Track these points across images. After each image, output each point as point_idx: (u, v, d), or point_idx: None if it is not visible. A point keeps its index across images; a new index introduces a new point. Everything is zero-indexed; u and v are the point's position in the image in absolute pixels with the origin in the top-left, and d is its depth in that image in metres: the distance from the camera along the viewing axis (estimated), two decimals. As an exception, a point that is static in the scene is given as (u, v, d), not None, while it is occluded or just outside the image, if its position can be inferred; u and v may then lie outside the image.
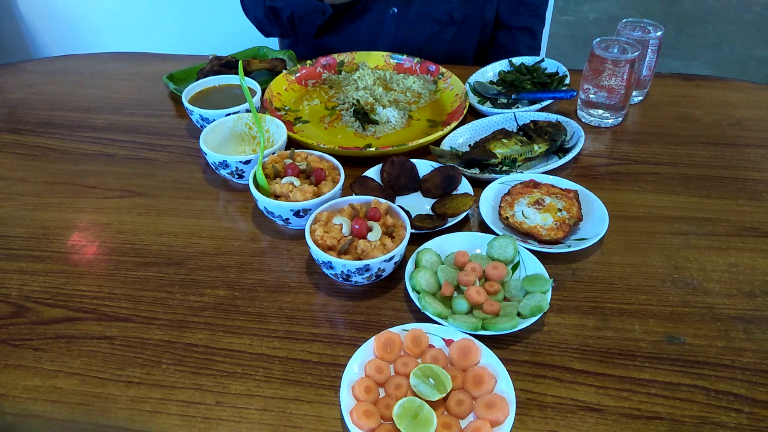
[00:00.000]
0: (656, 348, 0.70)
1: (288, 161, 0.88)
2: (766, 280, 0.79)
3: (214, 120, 1.00)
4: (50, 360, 0.70)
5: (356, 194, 0.88)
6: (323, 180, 0.86)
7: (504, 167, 0.98)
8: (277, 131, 0.97)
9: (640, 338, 0.72)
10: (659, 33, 1.10)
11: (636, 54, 1.02)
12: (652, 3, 3.93)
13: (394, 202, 0.86)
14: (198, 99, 1.08)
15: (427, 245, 0.80)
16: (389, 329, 0.69)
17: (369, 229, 0.77)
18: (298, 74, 1.22)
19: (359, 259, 0.74)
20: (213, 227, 0.89)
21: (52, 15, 2.19)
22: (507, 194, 0.89)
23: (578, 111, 1.13)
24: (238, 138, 1.01)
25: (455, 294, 0.76)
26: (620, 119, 1.11)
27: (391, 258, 0.74)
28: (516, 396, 0.62)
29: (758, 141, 1.06)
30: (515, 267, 0.79)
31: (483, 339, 0.68)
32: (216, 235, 0.87)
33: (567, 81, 1.17)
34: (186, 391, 0.66)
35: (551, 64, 1.22)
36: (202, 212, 0.92)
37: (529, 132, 1.02)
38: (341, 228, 0.77)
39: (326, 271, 0.77)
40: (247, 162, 0.91)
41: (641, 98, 1.18)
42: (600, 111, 1.09)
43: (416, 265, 0.78)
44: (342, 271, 0.74)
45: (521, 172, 0.96)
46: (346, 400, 0.62)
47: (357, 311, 0.75)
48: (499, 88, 1.19)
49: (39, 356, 0.70)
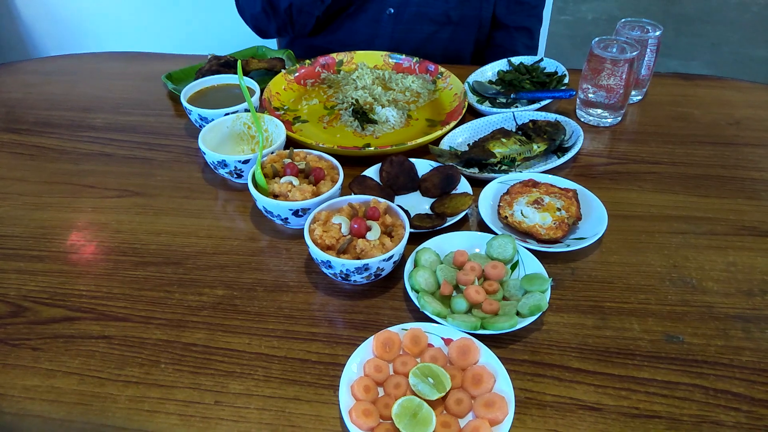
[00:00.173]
0: (655, 347, 0.70)
1: (287, 161, 0.88)
2: (765, 279, 0.79)
3: (213, 119, 0.99)
4: (48, 359, 0.70)
5: (355, 193, 0.88)
6: (322, 179, 0.86)
7: (503, 167, 0.98)
8: (276, 131, 0.97)
9: (639, 337, 0.72)
10: (658, 32, 1.10)
11: (635, 53, 1.03)
12: (651, 2, 3.94)
13: (393, 202, 0.86)
14: (197, 98, 1.08)
15: (426, 244, 0.80)
16: (388, 328, 0.69)
17: (368, 229, 0.77)
18: (297, 74, 1.22)
19: (358, 259, 0.74)
20: (212, 227, 0.89)
21: (50, 15, 2.18)
22: (506, 193, 0.89)
23: (577, 110, 1.13)
24: (237, 137, 1.01)
25: (454, 293, 0.76)
26: (619, 119, 1.11)
27: (390, 257, 0.74)
28: (515, 395, 0.62)
29: (757, 140, 1.07)
30: (514, 266, 0.79)
31: (482, 338, 0.68)
32: (215, 235, 0.87)
33: (566, 80, 1.17)
34: (185, 391, 0.66)
35: (550, 64, 1.21)
36: (201, 212, 0.92)
37: (528, 131, 1.02)
38: (340, 227, 0.77)
39: (325, 271, 0.77)
40: (246, 161, 0.91)
41: (640, 98, 1.18)
42: (599, 110, 1.10)
43: (415, 265, 0.78)
44: (341, 271, 0.74)
45: (520, 172, 0.96)
46: (345, 400, 0.62)
47: (356, 310, 0.75)
48: (498, 88, 1.19)
49: (37, 356, 0.70)
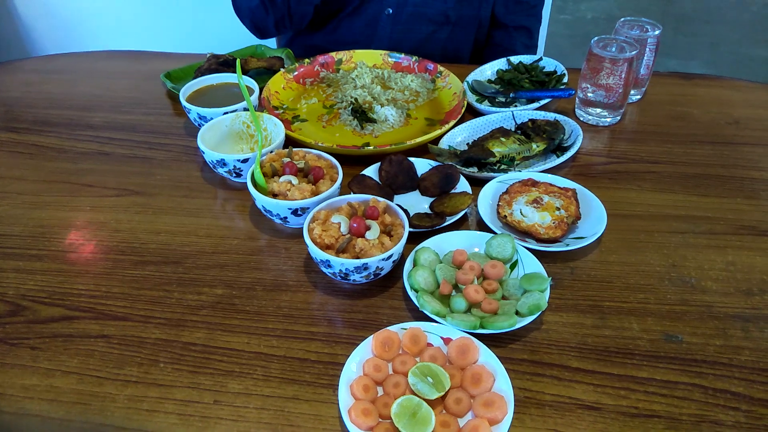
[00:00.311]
0: (654, 346, 0.71)
1: (286, 160, 0.88)
2: (764, 279, 0.79)
3: (212, 118, 0.99)
4: (47, 359, 0.70)
5: (354, 193, 0.88)
6: (321, 178, 0.86)
7: (502, 166, 0.98)
8: (275, 130, 0.97)
9: (638, 337, 0.72)
10: (657, 32, 1.10)
11: (634, 53, 1.03)
12: (651, 2, 3.93)
13: (393, 201, 0.85)
14: (195, 97, 1.07)
15: (426, 244, 0.80)
16: (387, 328, 0.69)
17: (367, 228, 0.77)
18: (296, 72, 1.22)
19: (357, 258, 0.74)
20: (211, 226, 0.89)
21: (49, 13, 2.18)
22: (505, 193, 0.89)
23: (576, 110, 1.13)
24: (236, 136, 1.01)
25: (453, 292, 0.76)
26: (618, 118, 1.11)
27: (390, 257, 0.74)
28: (514, 394, 0.62)
29: (756, 140, 1.07)
30: (513, 265, 0.79)
31: (481, 337, 0.68)
32: (214, 234, 0.87)
33: (565, 80, 1.17)
34: (184, 390, 0.66)
35: (549, 63, 1.21)
36: (200, 211, 0.92)
37: (528, 131, 1.02)
38: (339, 227, 0.77)
39: (324, 270, 0.77)
40: (245, 160, 0.91)
41: (639, 97, 1.18)
42: (598, 110, 1.10)
43: (414, 264, 0.78)
44: (340, 270, 0.74)
45: (519, 171, 0.96)
46: (345, 399, 0.62)
47: (355, 310, 0.75)
48: (498, 87, 1.19)
49: (36, 355, 0.70)
